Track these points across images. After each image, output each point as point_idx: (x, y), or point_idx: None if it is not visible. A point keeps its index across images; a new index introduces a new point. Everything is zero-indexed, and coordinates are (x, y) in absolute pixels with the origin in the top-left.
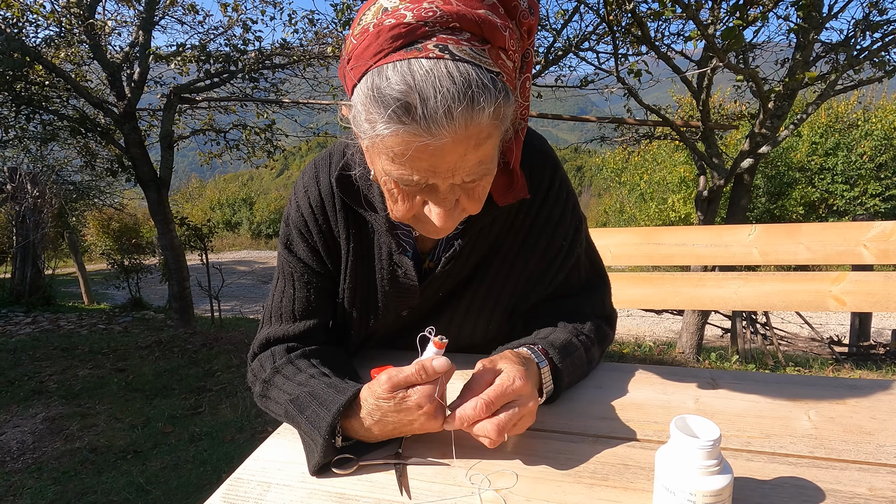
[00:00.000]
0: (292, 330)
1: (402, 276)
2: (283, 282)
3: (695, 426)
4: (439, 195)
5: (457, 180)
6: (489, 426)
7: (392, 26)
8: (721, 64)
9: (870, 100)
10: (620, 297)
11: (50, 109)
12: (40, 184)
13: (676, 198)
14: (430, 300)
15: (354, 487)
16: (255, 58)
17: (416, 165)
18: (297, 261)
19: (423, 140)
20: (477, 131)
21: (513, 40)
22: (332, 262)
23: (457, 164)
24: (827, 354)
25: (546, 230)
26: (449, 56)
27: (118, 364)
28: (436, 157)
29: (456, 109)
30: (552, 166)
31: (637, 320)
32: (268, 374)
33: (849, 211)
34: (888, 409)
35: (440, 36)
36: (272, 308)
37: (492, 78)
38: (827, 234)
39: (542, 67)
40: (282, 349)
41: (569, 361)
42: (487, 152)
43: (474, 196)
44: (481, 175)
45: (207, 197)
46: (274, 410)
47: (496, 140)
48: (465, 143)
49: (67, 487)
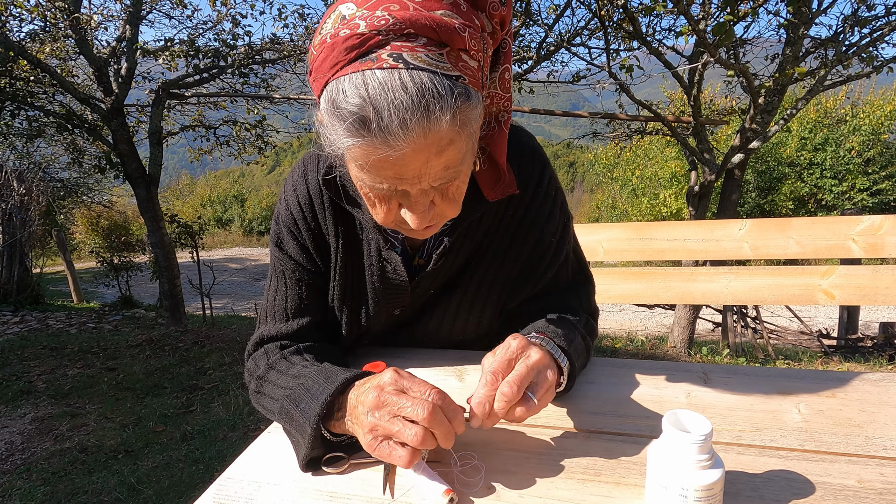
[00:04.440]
0: (285, 329)
1: (391, 272)
2: (276, 281)
3: (686, 421)
4: (411, 199)
5: (425, 186)
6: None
7: (346, 38)
8: (712, 59)
9: (858, 95)
10: (612, 293)
11: (35, 105)
12: (27, 181)
13: (668, 193)
14: (421, 297)
15: (345, 486)
16: (245, 53)
17: (382, 174)
18: (288, 259)
19: (382, 152)
20: (437, 139)
21: (474, 40)
22: (322, 259)
23: (421, 171)
24: (816, 347)
25: (535, 226)
26: (403, 65)
27: (108, 363)
28: (398, 167)
29: (410, 121)
30: (540, 163)
31: (629, 315)
32: (262, 370)
33: (837, 205)
34: (877, 402)
35: (394, 44)
36: (266, 308)
37: (450, 84)
38: (816, 228)
39: (534, 63)
40: (275, 347)
41: (573, 347)
42: (453, 157)
43: (448, 197)
44: (450, 179)
45: (198, 194)
46: (267, 406)
47: (462, 144)
48: (425, 152)
49: (57, 488)
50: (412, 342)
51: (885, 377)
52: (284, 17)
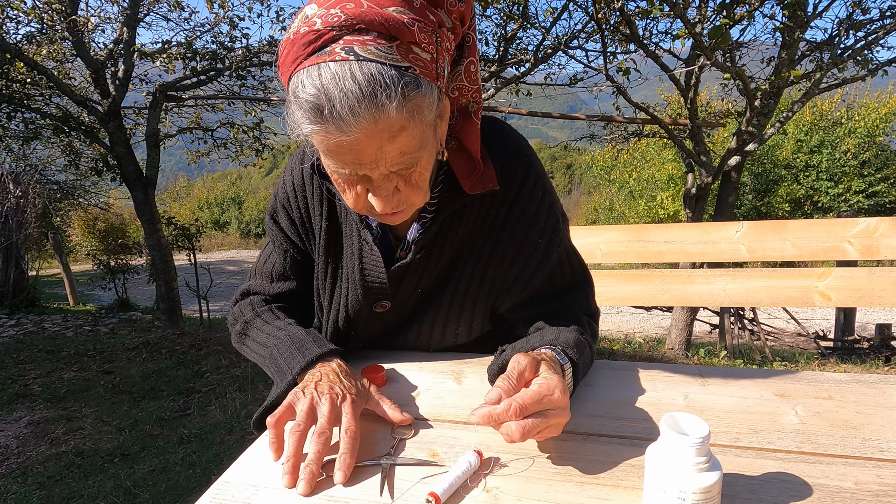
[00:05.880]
0: (269, 289)
1: (368, 253)
2: (270, 247)
3: (684, 423)
4: (374, 184)
5: (383, 170)
6: (514, 427)
7: (304, 34)
8: (708, 62)
9: (853, 98)
10: (610, 295)
11: (32, 108)
12: (23, 183)
13: (665, 195)
14: (408, 297)
15: (343, 490)
16: (243, 55)
17: (342, 159)
18: (279, 231)
19: (337, 137)
20: (387, 125)
21: (424, 33)
22: (309, 238)
23: (376, 156)
24: (813, 349)
25: (520, 227)
26: (354, 57)
27: (105, 366)
28: (355, 152)
29: (359, 107)
30: (525, 163)
31: (627, 317)
32: (249, 316)
33: (833, 207)
34: (873, 404)
35: (347, 38)
36: (257, 266)
37: (397, 74)
38: (813, 230)
39: (532, 65)
40: (259, 300)
41: (583, 359)
42: (407, 143)
43: (412, 183)
44: (409, 164)
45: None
46: (252, 347)
47: (415, 131)
48: (377, 137)
49: (53, 492)
50: (407, 348)
51: (882, 379)
52: (282, 20)
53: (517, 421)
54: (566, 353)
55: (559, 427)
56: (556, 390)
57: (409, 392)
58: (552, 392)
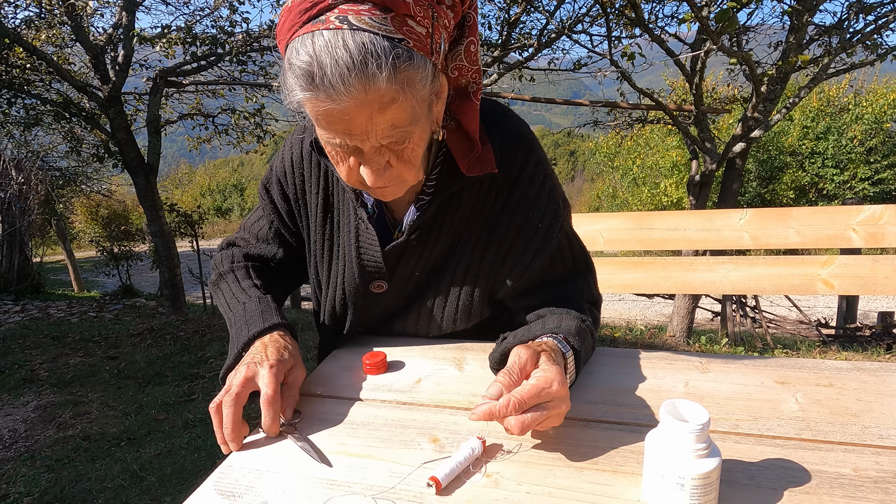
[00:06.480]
0: (251, 248)
1: (364, 230)
2: (259, 212)
3: (684, 410)
4: (366, 157)
5: (374, 143)
6: (514, 422)
7: (301, 2)
8: (714, 47)
9: (861, 83)
10: (612, 282)
11: (32, 93)
12: (25, 170)
13: (669, 182)
14: (406, 281)
15: (345, 474)
16: (243, 40)
17: (334, 128)
18: (269, 201)
19: (327, 105)
20: (377, 96)
21: (420, 7)
22: (301, 214)
23: (367, 127)
24: (814, 337)
25: (520, 211)
26: (347, 26)
27: (110, 352)
28: (345, 121)
29: (349, 76)
30: (526, 147)
31: (629, 304)
32: (225, 268)
33: (838, 195)
34: (873, 391)
35: (342, 8)
36: (246, 223)
37: (390, 45)
38: (817, 217)
39: (535, 50)
40: (240, 255)
41: (584, 347)
42: (398, 116)
43: (404, 159)
44: (400, 138)
45: (197, 183)
46: (219, 301)
47: (406, 104)
48: (368, 107)
49: (61, 475)
50: (407, 334)
51: (883, 367)
52: (282, 3)
53: (516, 416)
54: (568, 342)
55: (560, 417)
56: (555, 382)
57: (410, 378)
58: (550, 385)
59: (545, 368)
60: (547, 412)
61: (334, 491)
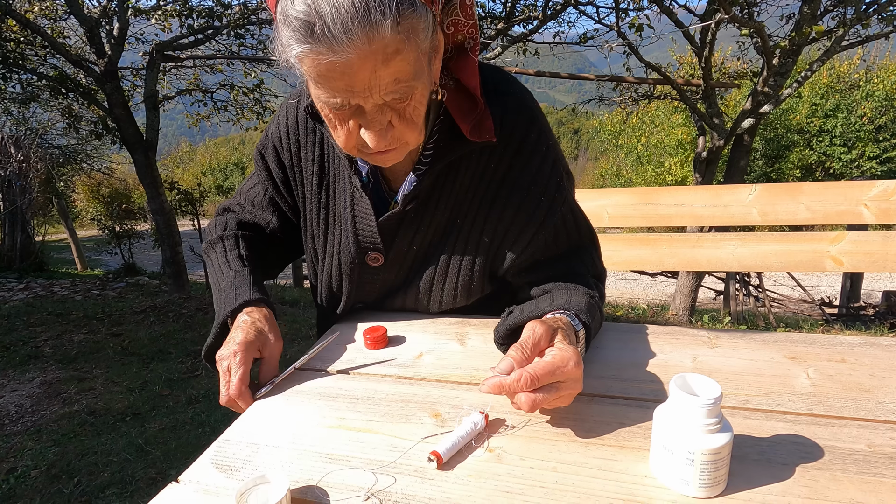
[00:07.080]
0: (245, 214)
1: (359, 199)
2: (255, 178)
3: (694, 384)
4: (367, 117)
5: (377, 99)
6: (524, 399)
7: None
8: (726, 17)
9: (873, 59)
10: (617, 259)
11: (28, 68)
12: (24, 147)
13: (674, 161)
14: (405, 254)
15: (345, 448)
16: (240, 12)
17: (333, 86)
18: (264, 168)
19: (328, 58)
20: (381, 46)
21: None
22: (296, 181)
23: (370, 81)
24: (818, 316)
25: (521, 183)
26: None
27: (113, 329)
28: (347, 76)
29: (352, 24)
30: (528, 116)
31: (631, 283)
32: (215, 237)
33: (845, 174)
34: (887, 367)
35: None
36: (243, 188)
37: None
38: (828, 193)
39: (540, 23)
40: (234, 222)
41: (594, 323)
42: (402, 69)
43: (406, 118)
44: (403, 93)
45: (198, 161)
46: (208, 268)
47: (409, 55)
48: (371, 59)
49: (67, 449)
50: (407, 310)
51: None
52: None
53: (527, 394)
54: (579, 318)
55: (570, 398)
56: (571, 362)
57: (412, 353)
58: (566, 364)
59: (561, 347)
60: (558, 392)
61: (333, 465)
